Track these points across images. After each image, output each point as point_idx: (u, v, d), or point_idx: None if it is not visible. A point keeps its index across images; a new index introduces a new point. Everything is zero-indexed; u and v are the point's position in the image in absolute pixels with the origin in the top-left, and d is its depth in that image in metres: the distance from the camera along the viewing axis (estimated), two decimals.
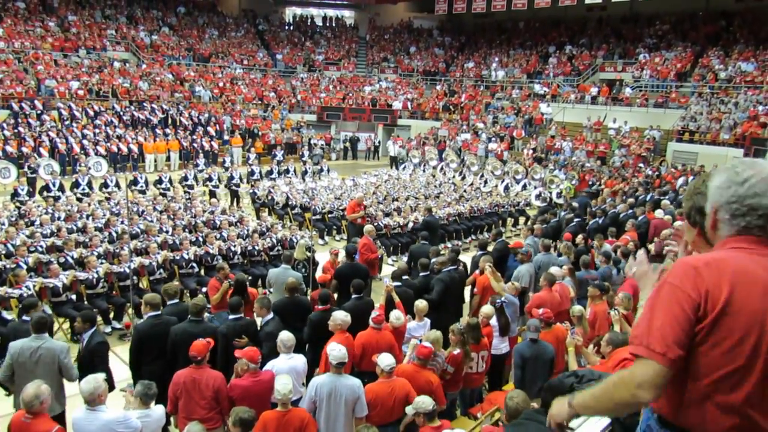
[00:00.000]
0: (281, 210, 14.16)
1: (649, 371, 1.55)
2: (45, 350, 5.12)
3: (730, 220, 1.64)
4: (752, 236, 1.61)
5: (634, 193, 15.12)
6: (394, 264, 11.49)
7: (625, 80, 26.20)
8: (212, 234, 10.23)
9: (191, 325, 5.65)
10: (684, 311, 1.55)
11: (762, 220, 1.60)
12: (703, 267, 1.58)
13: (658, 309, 1.59)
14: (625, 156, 21.07)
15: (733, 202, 1.63)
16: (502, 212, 15.09)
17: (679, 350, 1.54)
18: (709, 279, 1.56)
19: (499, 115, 26.84)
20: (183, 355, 5.27)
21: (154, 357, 5.72)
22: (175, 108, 24.01)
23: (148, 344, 5.73)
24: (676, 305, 1.56)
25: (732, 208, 1.63)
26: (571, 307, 6.69)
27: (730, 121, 20.53)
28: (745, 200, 1.61)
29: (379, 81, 31.63)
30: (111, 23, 28.69)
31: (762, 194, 1.59)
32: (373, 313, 5.90)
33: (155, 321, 5.80)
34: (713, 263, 1.59)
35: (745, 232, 1.63)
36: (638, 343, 1.59)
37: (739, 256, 1.59)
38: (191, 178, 15.90)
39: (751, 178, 1.61)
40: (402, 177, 18.54)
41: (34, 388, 4.07)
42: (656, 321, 1.58)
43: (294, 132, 25.63)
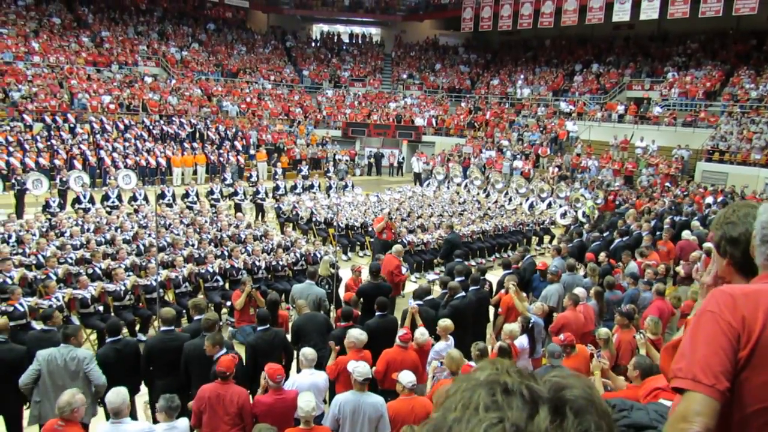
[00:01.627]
0: (305, 225, 14.24)
1: (697, 406, 1.44)
2: (72, 359, 5.25)
3: (759, 246, 1.62)
4: None
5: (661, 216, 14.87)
6: (417, 282, 11.45)
7: (653, 99, 25.92)
8: (237, 248, 10.31)
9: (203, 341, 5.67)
10: (728, 340, 1.49)
11: None
12: (741, 296, 1.54)
13: (701, 339, 1.52)
14: (652, 175, 20.80)
15: (764, 228, 1.61)
16: (527, 231, 14.97)
17: (726, 382, 1.46)
18: (746, 310, 1.51)
19: (524, 133, 26.74)
20: (196, 371, 5.31)
21: (166, 372, 5.78)
22: (203, 122, 24.39)
23: (158, 359, 5.80)
24: (720, 334, 1.50)
25: (762, 234, 1.62)
26: (596, 329, 6.59)
27: (762, 141, 20.15)
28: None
29: (404, 98, 31.79)
30: (143, 39, 29.39)
31: None
32: (400, 332, 5.89)
33: (166, 336, 5.87)
34: (750, 294, 1.55)
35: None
36: (683, 376, 1.49)
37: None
38: (217, 192, 16.09)
39: None
40: (426, 194, 18.53)
41: (69, 396, 4.19)
42: (700, 352, 1.50)
43: (319, 147, 25.84)
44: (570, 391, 0.76)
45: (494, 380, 0.77)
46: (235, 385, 5.08)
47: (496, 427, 0.71)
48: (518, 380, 0.76)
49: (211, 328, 5.75)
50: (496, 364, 0.81)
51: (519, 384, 0.75)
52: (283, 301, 9.89)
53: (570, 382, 0.77)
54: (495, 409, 0.73)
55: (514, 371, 0.79)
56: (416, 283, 11.21)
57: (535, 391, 0.75)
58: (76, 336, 5.49)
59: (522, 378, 0.77)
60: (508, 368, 0.80)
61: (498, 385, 0.76)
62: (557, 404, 0.74)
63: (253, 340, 6.18)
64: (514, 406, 0.73)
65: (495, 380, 0.77)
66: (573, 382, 0.77)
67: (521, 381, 0.76)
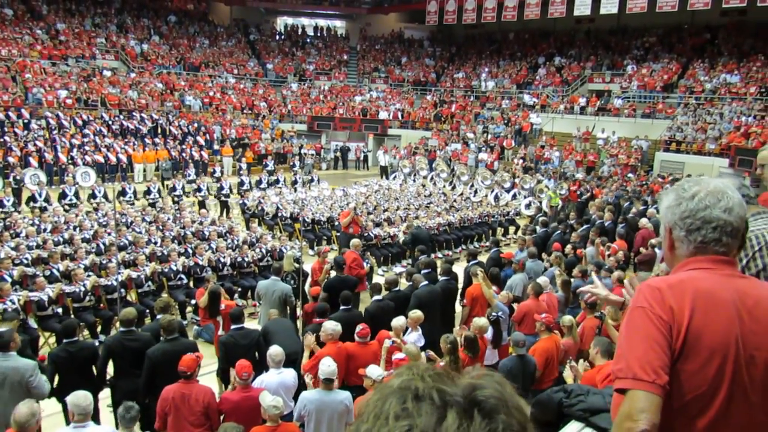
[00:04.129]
0: (271, 220, 14.11)
1: (640, 403, 1.45)
2: (11, 369, 4.92)
3: (686, 236, 1.63)
4: (712, 255, 1.60)
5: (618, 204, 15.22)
6: (384, 275, 11.45)
7: (613, 91, 26.44)
8: (201, 245, 10.15)
9: (169, 345, 5.55)
10: (662, 334, 1.51)
11: (717, 233, 1.59)
12: (667, 288, 1.57)
13: (635, 336, 1.53)
14: (613, 165, 21.23)
15: (686, 217, 1.62)
16: (492, 222, 15.12)
17: (665, 376, 1.48)
18: (674, 301, 1.54)
19: (489, 125, 26.98)
20: (163, 376, 5.19)
21: (128, 373, 5.66)
22: (164, 117, 23.90)
23: (118, 359, 5.68)
24: (654, 329, 1.51)
25: (686, 224, 1.62)
26: (560, 317, 6.69)
27: (716, 132, 20.77)
28: (698, 213, 1.60)
29: (370, 91, 31.70)
30: (100, 31, 28.56)
31: (712, 206, 1.59)
32: (358, 327, 5.87)
33: (125, 336, 5.75)
34: (675, 285, 1.58)
35: (702, 249, 1.61)
36: (623, 376, 1.50)
37: (701, 276, 1.58)
38: (180, 189, 15.80)
39: (699, 192, 1.61)
40: (392, 187, 18.55)
41: (28, 407, 3.95)
42: (637, 349, 1.51)
43: (284, 142, 25.61)
44: (481, 391, 0.76)
45: (406, 387, 0.76)
46: (199, 384, 5.00)
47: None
48: (430, 385, 0.76)
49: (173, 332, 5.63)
50: (412, 369, 0.81)
51: (430, 389, 0.75)
52: (249, 298, 9.84)
53: (482, 383, 0.77)
54: (405, 417, 0.73)
55: (430, 375, 0.78)
56: (383, 276, 11.21)
57: (446, 394, 0.75)
58: (14, 341, 5.10)
59: (435, 382, 0.77)
60: (423, 373, 0.79)
61: (409, 391, 0.76)
62: (466, 406, 0.74)
63: (226, 339, 6.11)
64: (423, 412, 0.73)
65: (407, 386, 0.76)
66: (485, 382, 0.77)
67: (433, 385, 0.76)
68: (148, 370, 5.46)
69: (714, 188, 1.61)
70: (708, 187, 1.62)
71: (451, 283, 8.15)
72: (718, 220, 1.58)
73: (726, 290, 1.55)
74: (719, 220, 1.58)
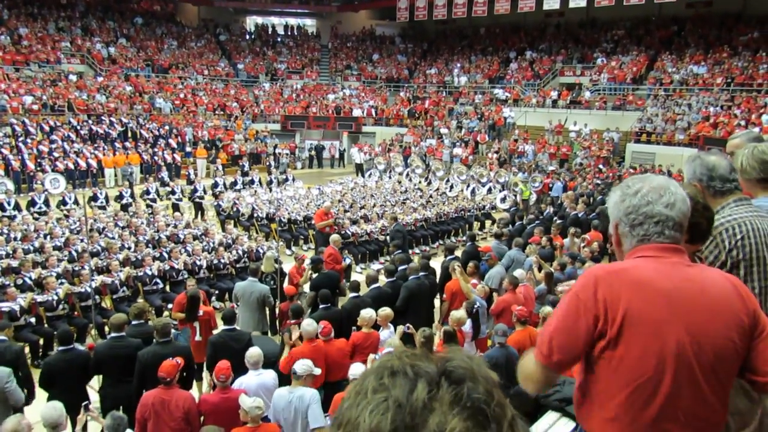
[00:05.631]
0: (247, 221, 14.04)
1: (532, 367, 1.71)
2: None
3: (630, 231, 1.69)
4: (658, 244, 1.65)
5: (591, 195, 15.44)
6: (362, 272, 11.49)
7: (584, 84, 26.80)
8: (176, 248, 10.07)
9: (161, 347, 5.52)
10: (577, 320, 1.61)
11: (659, 227, 1.64)
12: (605, 276, 1.63)
13: (556, 315, 1.69)
14: (586, 158, 21.54)
15: (629, 213, 1.67)
16: (468, 216, 15.24)
17: (560, 355, 1.64)
18: (608, 290, 1.59)
19: (462, 120, 27.15)
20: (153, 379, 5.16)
21: (116, 380, 5.60)
22: (134, 121, 23.58)
23: (107, 367, 5.62)
24: (572, 314, 1.63)
25: (630, 219, 1.67)
26: (539, 309, 6.77)
27: (684, 123, 21.20)
28: (640, 209, 1.66)
29: (343, 89, 31.65)
30: (65, 35, 28.01)
31: (654, 202, 1.64)
32: (320, 326, 5.89)
33: (115, 342, 5.69)
34: (615, 273, 1.63)
35: (646, 241, 1.66)
36: (537, 345, 1.71)
37: (642, 264, 1.63)
38: (153, 192, 15.64)
39: (642, 188, 1.67)
40: (368, 184, 18.57)
41: (14, 422, 3.87)
42: (551, 326, 1.68)
43: (258, 142, 25.46)
44: (450, 362, 0.83)
45: (383, 365, 0.85)
46: (180, 390, 4.98)
47: (381, 405, 0.78)
48: (405, 361, 0.84)
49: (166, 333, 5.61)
50: (391, 352, 0.89)
51: (404, 365, 0.83)
52: (227, 300, 9.79)
53: (452, 356, 0.85)
54: (381, 390, 0.80)
55: (406, 355, 0.86)
56: (362, 273, 11.24)
57: (419, 368, 0.82)
58: None
59: (410, 359, 0.84)
60: (400, 353, 0.87)
61: (386, 368, 0.83)
62: (436, 377, 0.81)
63: (215, 339, 6.09)
64: (397, 384, 0.80)
65: (384, 365, 0.84)
66: (455, 355, 0.85)
67: (407, 361, 0.84)
68: (139, 372, 5.44)
69: (657, 185, 1.66)
70: (651, 183, 1.67)
71: (429, 279, 8.21)
72: (660, 215, 1.64)
73: (668, 278, 1.59)
74: (661, 215, 1.63)
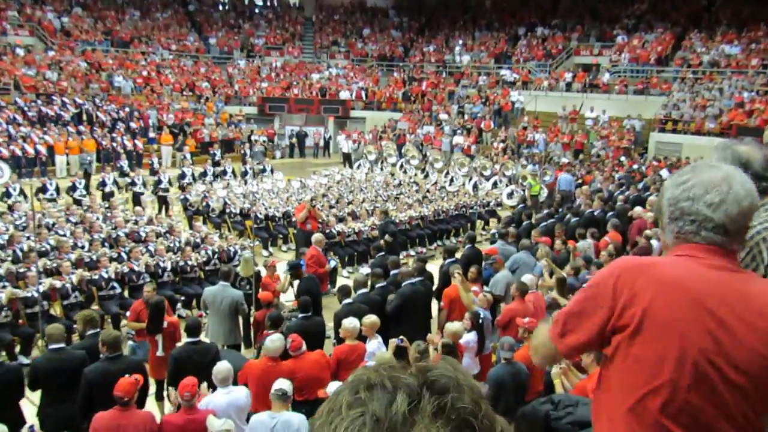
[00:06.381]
0: (218, 218, 13.97)
1: (542, 339, 1.86)
2: None
3: (668, 224, 1.71)
4: (701, 244, 1.65)
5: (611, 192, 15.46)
6: (350, 276, 11.46)
7: (602, 65, 26.88)
8: (137, 248, 10.01)
9: (109, 363, 5.42)
10: (593, 309, 1.69)
11: (694, 226, 1.64)
12: (630, 269, 1.67)
13: (575, 299, 1.79)
14: (604, 149, 21.60)
15: (670, 204, 1.69)
16: (471, 214, 15.25)
17: (570, 340, 1.75)
18: (631, 284, 1.62)
19: (464, 105, 27.16)
20: (103, 400, 5.09)
21: (57, 398, 5.53)
22: (90, 102, 23.39)
23: (47, 383, 5.55)
24: (591, 302, 1.70)
25: (669, 211, 1.70)
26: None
27: (715, 110, 21.27)
28: (679, 203, 1.67)
29: (329, 68, 31.58)
30: (12, 3, 27.74)
31: (696, 198, 1.63)
32: (288, 340, 5.84)
33: (55, 355, 5.62)
34: (641, 267, 1.67)
35: (683, 239, 1.68)
36: (554, 319, 1.81)
37: (675, 262, 1.66)
38: (111, 183, 15.54)
39: (689, 180, 1.66)
40: (356, 176, 18.55)
41: None
42: (568, 307, 1.79)
43: (231, 127, 25.35)
44: (432, 372, 0.86)
45: (358, 379, 0.87)
46: (138, 411, 4.92)
47: (357, 421, 0.80)
48: (383, 374, 0.86)
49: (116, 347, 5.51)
50: (366, 366, 0.92)
51: (381, 377, 0.85)
52: (195, 307, 9.73)
53: (433, 365, 0.88)
54: (357, 405, 0.83)
55: (384, 368, 0.88)
56: (349, 278, 11.21)
57: (398, 380, 0.85)
58: None
59: (387, 371, 0.87)
60: (377, 367, 0.89)
61: (361, 382, 0.86)
62: (417, 388, 0.84)
63: (178, 353, 6.02)
64: (375, 398, 0.83)
65: (359, 379, 0.86)
66: (437, 365, 0.88)
67: (385, 374, 0.86)
68: (85, 392, 5.33)
69: (708, 179, 1.64)
70: (702, 176, 1.66)
71: (425, 284, 8.18)
72: (697, 214, 1.63)
73: (701, 281, 1.60)
74: (698, 214, 1.63)
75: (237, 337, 7.94)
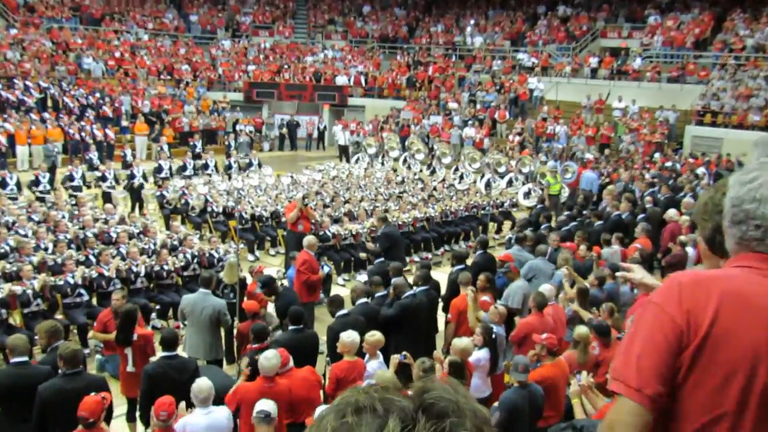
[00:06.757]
0: (198, 217, 13.99)
1: (626, 416, 1.57)
2: None
3: (729, 228, 1.68)
4: (763, 253, 1.61)
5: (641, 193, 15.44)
6: (345, 284, 11.45)
7: (632, 49, 26.85)
8: (107, 251, 10.02)
9: (66, 381, 5.43)
10: (666, 337, 1.58)
11: (759, 233, 1.61)
12: (690, 284, 1.61)
13: (639, 335, 1.63)
14: (634, 143, 21.58)
15: (734, 204, 1.66)
16: (483, 215, 15.24)
17: (658, 385, 1.56)
18: (693, 300, 1.58)
19: (476, 93, 27.16)
20: (58, 422, 5.10)
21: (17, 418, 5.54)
22: (56, 86, 23.46)
23: (6, 400, 5.56)
24: (659, 331, 1.59)
25: (732, 213, 1.66)
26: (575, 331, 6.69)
27: (760, 100, 21.24)
28: (743, 204, 1.63)
29: (324, 50, 31.61)
30: None
31: (763, 201, 1.60)
32: None
33: (17, 370, 5.63)
34: (703, 281, 1.62)
35: (745, 246, 1.64)
36: (615, 377, 1.62)
37: (738, 274, 1.61)
38: (78, 178, 15.55)
39: (755, 179, 1.62)
40: (354, 172, 18.55)
41: None
42: (635, 349, 1.61)
43: (214, 116, 25.37)
44: (429, 394, 0.85)
45: (345, 402, 0.86)
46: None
47: None
48: (374, 396, 0.85)
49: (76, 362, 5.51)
50: (355, 388, 0.90)
51: (371, 399, 0.84)
52: (171, 318, 9.74)
53: (432, 386, 0.87)
54: (345, 431, 0.82)
55: (375, 390, 0.88)
56: (345, 286, 11.21)
57: (390, 402, 0.84)
58: None
59: (379, 393, 0.86)
60: (367, 389, 0.89)
61: (349, 405, 0.85)
62: (411, 412, 0.83)
63: (152, 368, 6.02)
64: (363, 422, 0.82)
65: (346, 402, 0.86)
66: (434, 385, 0.87)
67: (376, 396, 0.85)
68: (38, 412, 5.34)
69: None
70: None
71: (430, 294, 8.18)
72: (764, 219, 1.59)
73: (765, 293, 1.56)
74: (765, 219, 1.59)
75: (218, 351, 7.94)
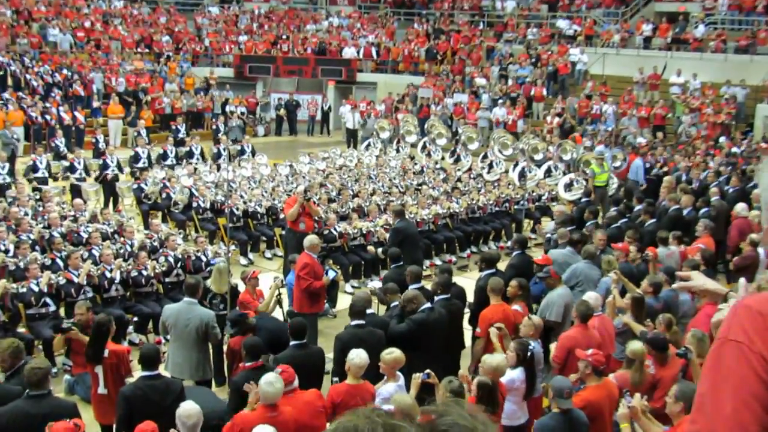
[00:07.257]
0: (182, 214, 14.02)
1: None
2: None
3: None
4: None
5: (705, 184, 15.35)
6: (354, 291, 11.44)
7: (693, 13, 26.69)
8: (76, 253, 10.05)
9: (31, 403, 5.48)
10: (761, 379, 1.52)
11: None
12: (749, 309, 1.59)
13: (724, 384, 1.56)
14: (695, 125, 21.43)
15: None
16: (516, 211, 15.20)
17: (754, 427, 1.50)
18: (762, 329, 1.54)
19: (508, 67, 27.07)
20: None
21: None
22: (17, 61, 23.58)
23: None
24: (751, 375, 1.53)
25: None
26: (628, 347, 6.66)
27: None
28: None
29: (329, 17, 31.62)
30: None
31: None
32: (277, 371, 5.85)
33: None
34: None
35: None
36: None
37: None
38: (43, 168, 15.64)
39: None
40: (364, 160, 18.55)
41: None
42: (724, 405, 1.54)
43: (200, 95, 25.44)
44: (442, 420, 0.86)
45: (342, 428, 0.88)
46: None
47: None
48: (376, 421, 0.87)
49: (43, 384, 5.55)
50: (357, 411, 0.92)
51: (373, 425, 0.86)
52: (151, 331, 9.77)
53: (447, 410, 0.89)
54: None
55: (378, 414, 0.89)
56: (353, 293, 11.20)
57: (394, 429, 0.86)
58: None
59: (382, 417, 0.88)
60: (369, 413, 0.90)
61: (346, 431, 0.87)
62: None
63: (130, 391, 6.05)
64: None
65: (343, 427, 0.88)
66: (449, 410, 0.89)
67: (379, 421, 0.87)
68: None
69: None
70: None
71: (453, 305, 8.15)
72: None
73: None
74: None
75: (206, 370, 7.95)
